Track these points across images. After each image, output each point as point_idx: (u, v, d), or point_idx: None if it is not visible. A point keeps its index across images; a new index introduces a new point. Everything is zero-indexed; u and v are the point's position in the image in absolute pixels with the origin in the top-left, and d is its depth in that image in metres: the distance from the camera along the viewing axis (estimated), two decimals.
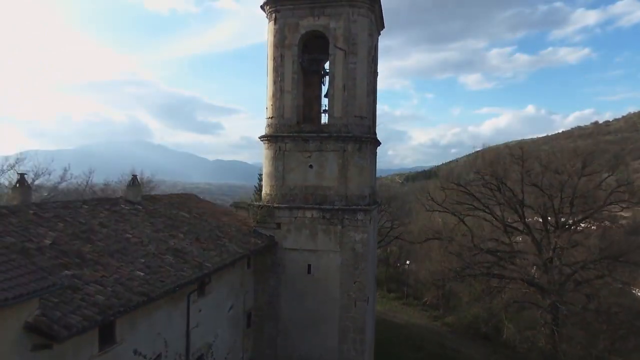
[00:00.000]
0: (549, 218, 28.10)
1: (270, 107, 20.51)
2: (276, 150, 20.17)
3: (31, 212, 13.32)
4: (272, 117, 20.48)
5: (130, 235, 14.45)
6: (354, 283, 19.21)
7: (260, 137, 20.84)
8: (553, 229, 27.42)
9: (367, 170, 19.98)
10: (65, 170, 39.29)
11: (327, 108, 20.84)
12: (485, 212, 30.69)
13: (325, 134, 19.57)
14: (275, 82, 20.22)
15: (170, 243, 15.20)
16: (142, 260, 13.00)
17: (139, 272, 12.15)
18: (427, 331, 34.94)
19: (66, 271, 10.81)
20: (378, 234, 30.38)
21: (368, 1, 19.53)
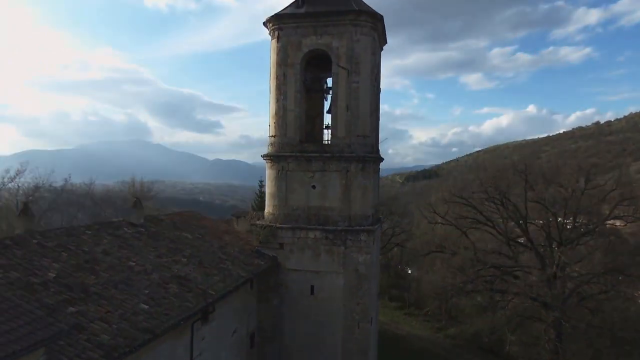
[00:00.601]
0: (553, 233, 28.02)
1: (273, 125, 20.42)
2: (279, 170, 20.07)
3: (35, 241, 13.26)
4: (274, 136, 20.39)
5: (134, 263, 14.37)
6: (357, 304, 19.13)
7: (263, 156, 20.76)
8: (557, 244, 27.34)
9: (370, 190, 19.89)
10: (66, 180, 39.41)
11: (329, 124, 20.77)
12: (489, 225, 30.59)
13: (328, 154, 19.47)
14: (277, 101, 20.13)
15: (174, 270, 15.12)
16: (146, 292, 12.92)
17: (143, 305, 12.08)
18: (429, 343, 34.80)
19: (71, 308, 10.74)
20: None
21: (371, 20, 19.45)
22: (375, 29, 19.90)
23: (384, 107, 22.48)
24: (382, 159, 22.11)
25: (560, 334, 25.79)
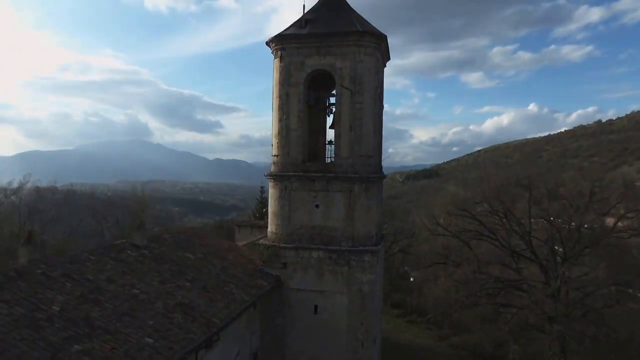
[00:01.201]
0: (557, 248, 27.97)
1: (276, 144, 20.39)
2: (282, 190, 20.05)
3: (39, 271, 13.24)
4: (277, 155, 20.36)
5: (138, 291, 14.36)
6: (361, 324, 19.11)
7: (266, 175, 20.74)
8: (561, 259, 27.30)
9: (374, 209, 19.86)
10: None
11: (332, 140, 20.75)
12: (492, 239, 30.54)
13: (332, 174, 19.43)
14: (280, 120, 20.10)
15: (178, 296, 15.10)
16: (151, 323, 12.91)
17: (148, 339, 12.07)
18: (432, 354, 34.79)
19: (76, 346, 10.73)
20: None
21: (374, 41, 19.40)
22: (378, 48, 19.86)
23: (385, 107, 22.48)
24: (385, 177, 22.08)
25: (565, 348, 25.77)
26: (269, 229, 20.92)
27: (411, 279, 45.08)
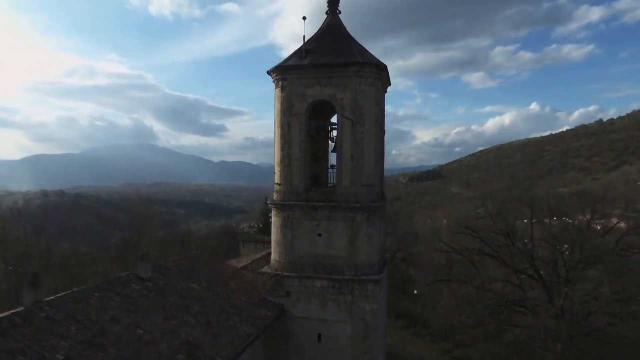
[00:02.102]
0: (560, 269, 27.94)
1: (278, 173, 20.52)
2: (284, 218, 20.18)
3: (43, 315, 13.39)
4: (280, 184, 20.48)
5: (142, 331, 14.48)
6: (365, 354, 19.19)
7: (269, 203, 20.88)
8: (564, 280, 27.26)
9: (376, 237, 19.96)
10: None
11: (334, 164, 20.86)
12: (495, 257, 30.54)
13: (334, 204, 19.53)
14: (282, 149, 20.23)
15: (182, 334, 15.23)
16: None
17: None
18: None
19: None
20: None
21: (375, 71, 19.51)
22: (379, 78, 19.96)
23: (387, 109, 22.51)
24: (385, 201, 22.15)
25: None
26: (272, 257, 21.04)
27: (415, 292, 45.09)
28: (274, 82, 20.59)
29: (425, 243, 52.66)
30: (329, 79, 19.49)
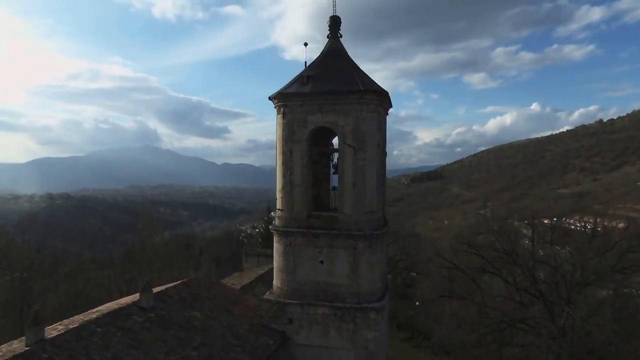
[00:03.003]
0: (561, 290, 27.80)
1: (280, 199, 20.49)
2: (287, 245, 20.14)
3: (45, 355, 13.40)
4: (282, 210, 20.45)
5: None
6: None
7: (271, 229, 20.85)
8: (565, 301, 27.12)
9: (378, 265, 19.90)
10: None
11: (336, 186, 20.81)
12: (497, 275, 30.42)
13: (336, 231, 19.47)
14: (284, 176, 20.19)
15: None
16: None
17: None
18: None
19: None
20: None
21: (376, 98, 19.44)
22: (381, 104, 19.90)
23: (391, 110, 22.48)
24: (387, 228, 22.06)
25: None
26: (274, 283, 20.99)
27: (417, 303, 44.98)
28: (275, 107, 20.55)
29: (427, 251, 52.56)
30: (330, 106, 19.43)
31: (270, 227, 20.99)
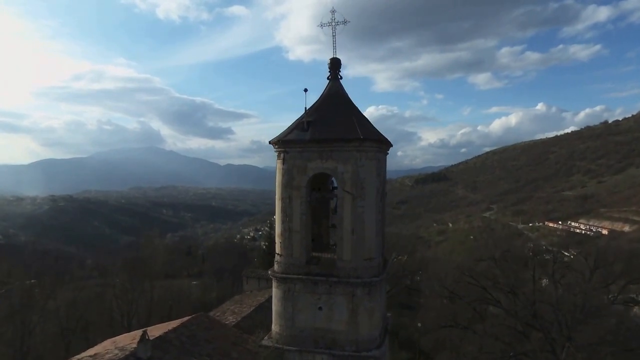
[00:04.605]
0: (562, 326, 27.72)
1: (279, 244, 20.49)
2: (285, 291, 20.13)
3: None
4: (281, 255, 20.45)
5: None
6: None
7: (270, 274, 20.86)
8: (565, 338, 27.04)
9: (377, 311, 19.86)
10: None
11: (334, 223, 20.79)
12: (498, 307, 30.35)
13: (335, 279, 19.44)
14: (283, 222, 20.18)
15: None
16: None
17: None
18: None
19: None
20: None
21: (375, 146, 19.43)
22: (380, 150, 19.87)
23: (393, 110, 22.24)
24: (387, 273, 22.02)
25: None
26: (273, 327, 20.98)
27: (419, 324, 44.89)
28: (275, 152, 20.55)
29: (430, 265, 52.43)
30: (329, 153, 19.41)
31: (269, 272, 20.99)
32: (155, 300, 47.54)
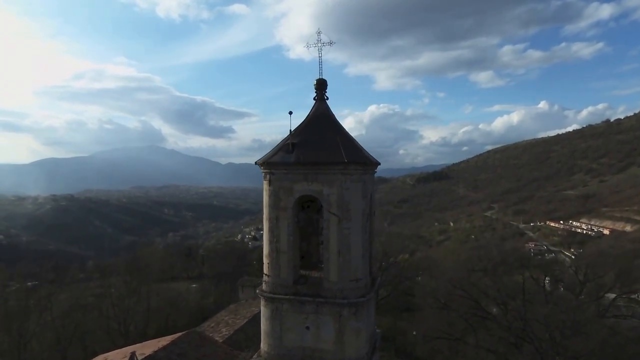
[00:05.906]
0: (553, 343, 27.89)
1: (267, 265, 20.72)
2: (273, 310, 20.37)
3: None
4: (269, 275, 20.67)
5: None
6: None
7: (258, 293, 21.11)
8: (554, 353, 27.21)
9: (364, 331, 20.05)
10: None
11: (323, 241, 20.95)
12: (490, 320, 30.54)
13: (321, 299, 19.67)
14: (271, 243, 20.41)
15: None
16: None
17: None
18: None
19: None
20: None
21: (360, 168, 19.62)
22: (365, 172, 20.06)
23: (395, 108, 22.48)
24: (375, 293, 22.21)
25: None
26: (261, 346, 21.22)
27: (414, 332, 45.10)
28: (262, 174, 20.76)
29: (427, 271, 52.65)
30: (315, 176, 19.61)
31: (257, 291, 21.23)
32: (152, 307, 47.82)
